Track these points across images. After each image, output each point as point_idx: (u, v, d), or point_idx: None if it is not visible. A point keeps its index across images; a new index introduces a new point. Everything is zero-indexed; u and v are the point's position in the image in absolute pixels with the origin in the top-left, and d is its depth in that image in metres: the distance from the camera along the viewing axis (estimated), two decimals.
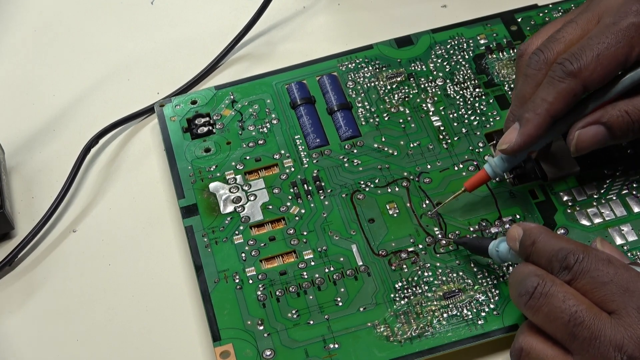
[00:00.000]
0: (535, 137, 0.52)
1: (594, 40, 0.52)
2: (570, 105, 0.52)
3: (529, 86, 0.53)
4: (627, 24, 0.51)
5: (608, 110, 0.52)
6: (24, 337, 0.56)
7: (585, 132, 0.52)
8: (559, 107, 0.52)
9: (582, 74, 0.51)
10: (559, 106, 0.52)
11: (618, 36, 0.51)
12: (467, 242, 0.54)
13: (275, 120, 0.63)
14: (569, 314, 0.45)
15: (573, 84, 0.51)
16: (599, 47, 0.51)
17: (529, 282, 0.47)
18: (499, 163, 0.55)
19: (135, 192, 0.62)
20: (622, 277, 0.46)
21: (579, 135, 0.52)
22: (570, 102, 0.52)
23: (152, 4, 0.74)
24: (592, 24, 0.53)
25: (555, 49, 0.53)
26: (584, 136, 0.52)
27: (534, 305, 0.46)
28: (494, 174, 0.55)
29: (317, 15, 0.71)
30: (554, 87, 0.52)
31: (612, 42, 0.51)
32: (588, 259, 0.46)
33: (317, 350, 0.52)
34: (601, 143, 0.53)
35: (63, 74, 0.69)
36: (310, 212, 0.58)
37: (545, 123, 0.52)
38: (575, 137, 0.53)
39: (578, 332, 0.45)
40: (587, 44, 0.52)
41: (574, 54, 0.52)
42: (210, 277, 0.55)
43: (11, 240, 0.60)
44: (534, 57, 0.54)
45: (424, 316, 0.52)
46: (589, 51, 0.51)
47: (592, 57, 0.51)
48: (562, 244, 0.47)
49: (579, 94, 0.52)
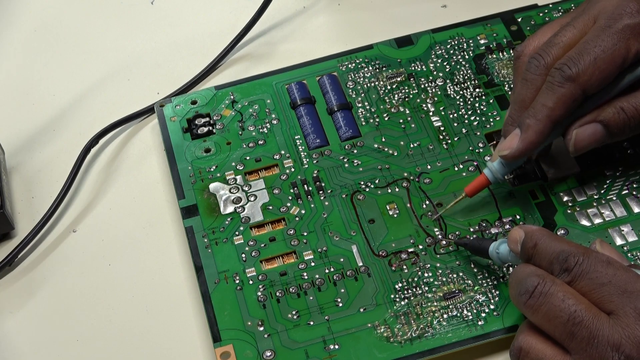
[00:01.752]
0: (537, 143, 0.53)
1: (591, 43, 0.52)
2: (571, 110, 0.52)
3: (529, 91, 0.53)
4: (623, 26, 0.52)
5: (604, 109, 0.53)
6: (24, 337, 0.56)
7: (583, 131, 0.53)
8: (560, 113, 0.52)
9: (581, 78, 0.51)
10: (560, 112, 0.52)
11: (614, 38, 0.51)
12: (467, 243, 0.54)
13: (275, 120, 0.63)
14: (568, 314, 0.45)
15: (572, 88, 0.52)
16: (595, 51, 0.51)
17: (529, 281, 0.47)
18: (499, 168, 0.55)
19: (135, 193, 0.62)
20: (621, 278, 0.46)
21: (577, 135, 0.53)
22: (570, 106, 0.52)
23: (152, 4, 0.74)
24: (589, 27, 0.53)
25: (553, 54, 0.53)
26: (581, 135, 0.53)
27: (534, 304, 0.47)
28: (494, 178, 0.55)
29: (317, 15, 0.71)
30: (553, 93, 0.52)
31: (608, 45, 0.51)
32: (588, 261, 0.46)
33: (318, 351, 0.52)
34: (599, 141, 0.53)
35: (63, 74, 0.69)
36: (310, 212, 0.58)
37: (547, 128, 0.52)
38: (573, 136, 0.53)
39: (577, 332, 0.45)
40: (584, 47, 0.52)
41: (571, 59, 0.52)
42: (211, 278, 0.55)
43: (11, 240, 0.60)
44: (533, 61, 0.54)
45: (424, 317, 0.52)
46: (586, 55, 0.52)
47: (590, 61, 0.51)
48: (563, 246, 0.47)
49: (579, 99, 0.52)
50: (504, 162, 0.54)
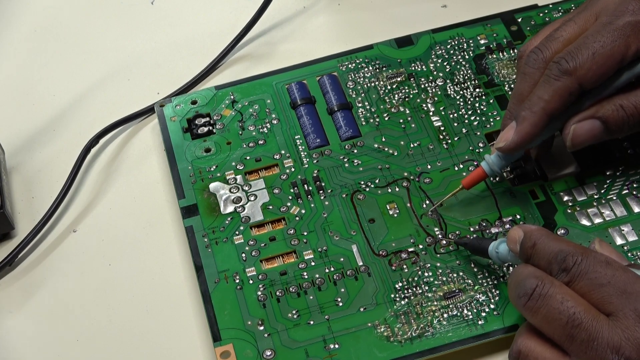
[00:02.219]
0: (532, 135, 0.53)
1: (590, 39, 0.52)
2: (567, 104, 0.52)
3: (527, 84, 0.53)
4: (624, 23, 0.52)
5: (603, 105, 0.53)
6: (24, 337, 0.56)
7: (581, 127, 0.53)
8: (556, 106, 0.52)
9: (578, 72, 0.51)
10: (556, 105, 0.52)
11: (614, 35, 0.51)
12: (467, 243, 0.54)
13: (275, 120, 0.63)
14: (567, 316, 0.45)
15: (569, 82, 0.52)
16: (594, 46, 0.51)
17: (527, 283, 0.47)
18: (496, 160, 0.55)
19: (135, 192, 0.62)
20: (620, 279, 0.46)
21: (575, 130, 0.53)
22: (566, 100, 0.52)
23: (152, 4, 0.74)
24: (590, 23, 0.53)
25: (552, 48, 0.53)
26: (579, 130, 0.53)
27: (533, 306, 0.46)
28: (491, 171, 0.55)
29: (317, 15, 0.71)
30: (550, 85, 0.52)
31: (608, 41, 0.51)
32: (587, 261, 0.46)
33: (318, 350, 0.52)
34: (597, 138, 0.53)
35: (63, 74, 0.69)
36: (310, 212, 0.58)
37: (542, 121, 0.52)
38: (571, 131, 0.53)
39: (576, 334, 0.45)
40: (584, 42, 0.52)
41: (570, 53, 0.52)
42: (211, 278, 0.55)
43: (11, 240, 0.60)
44: (532, 55, 0.54)
45: (424, 316, 0.52)
46: (585, 50, 0.52)
47: (588, 56, 0.51)
48: (561, 246, 0.47)
49: (575, 92, 0.52)
50: (501, 155, 0.54)
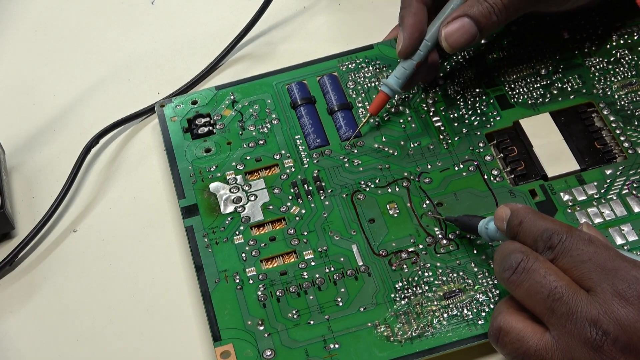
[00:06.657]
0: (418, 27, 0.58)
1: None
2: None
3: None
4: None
5: (470, 4, 0.57)
6: (24, 337, 0.56)
7: (452, 26, 0.57)
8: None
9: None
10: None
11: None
12: (457, 220, 0.55)
13: (275, 120, 0.63)
14: (549, 289, 0.46)
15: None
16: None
17: (513, 257, 0.48)
18: (393, 80, 0.59)
19: (135, 192, 0.62)
20: (601, 256, 0.47)
21: (447, 31, 0.57)
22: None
23: (152, 4, 0.74)
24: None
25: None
26: (450, 30, 0.57)
27: (516, 280, 0.48)
28: (391, 92, 0.59)
29: (318, 15, 0.71)
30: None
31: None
32: (571, 238, 0.47)
33: (318, 350, 0.52)
34: (470, 34, 0.57)
35: (63, 74, 0.69)
36: (310, 212, 0.58)
37: (420, 10, 0.58)
38: (443, 33, 0.58)
39: (556, 307, 0.46)
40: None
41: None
42: (211, 277, 0.55)
43: (11, 240, 0.60)
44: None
45: (424, 316, 0.52)
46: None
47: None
48: (547, 224, 0.48)
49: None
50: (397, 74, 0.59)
